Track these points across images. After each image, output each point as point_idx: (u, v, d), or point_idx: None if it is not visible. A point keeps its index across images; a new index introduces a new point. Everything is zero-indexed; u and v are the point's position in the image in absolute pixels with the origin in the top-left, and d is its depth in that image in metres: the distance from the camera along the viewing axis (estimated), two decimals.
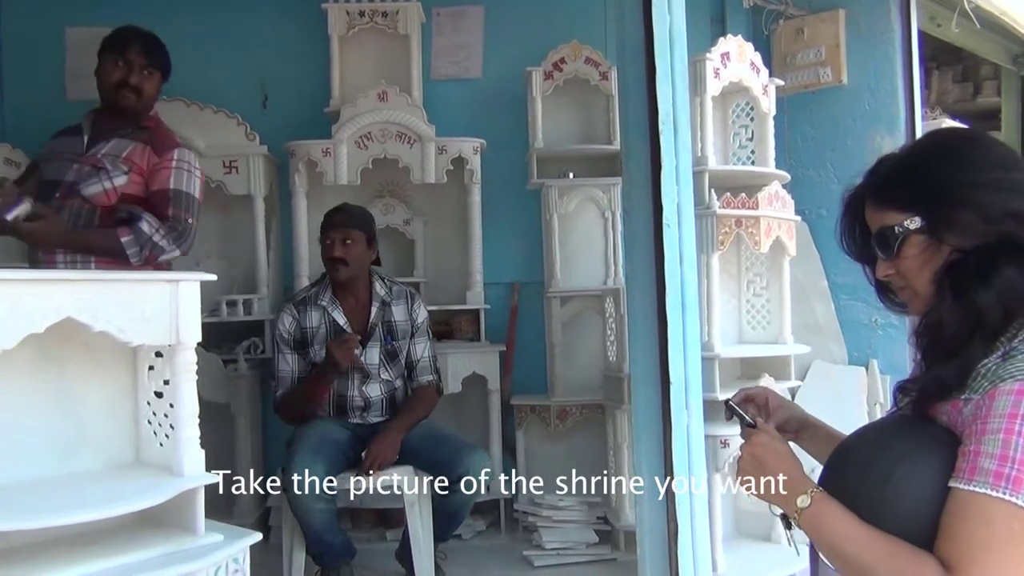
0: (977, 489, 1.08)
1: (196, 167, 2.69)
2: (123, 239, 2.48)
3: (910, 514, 1.14)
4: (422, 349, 3.24)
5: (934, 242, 1.26)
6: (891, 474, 1.17)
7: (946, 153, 1.27)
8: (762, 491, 1.33)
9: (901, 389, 1.29)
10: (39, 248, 2.48)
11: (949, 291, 1.22)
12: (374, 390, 3.15)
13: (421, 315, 3.25)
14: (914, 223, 1.27)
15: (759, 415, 1.56)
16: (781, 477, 1.30)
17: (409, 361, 3.24)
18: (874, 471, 1.19)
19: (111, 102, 2.65)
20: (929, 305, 1.26)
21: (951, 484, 1.11)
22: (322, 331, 3.13)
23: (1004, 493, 1.06)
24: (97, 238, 2.51)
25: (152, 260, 2.55)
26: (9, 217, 2.27)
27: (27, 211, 2.28)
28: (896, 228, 1.28)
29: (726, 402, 1.53)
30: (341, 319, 3.13)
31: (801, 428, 1.58)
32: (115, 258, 2.48)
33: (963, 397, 1.16)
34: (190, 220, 2.61)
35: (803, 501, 1.24)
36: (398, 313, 3.21)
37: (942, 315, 1.22)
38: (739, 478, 1.37)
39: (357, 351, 3.06)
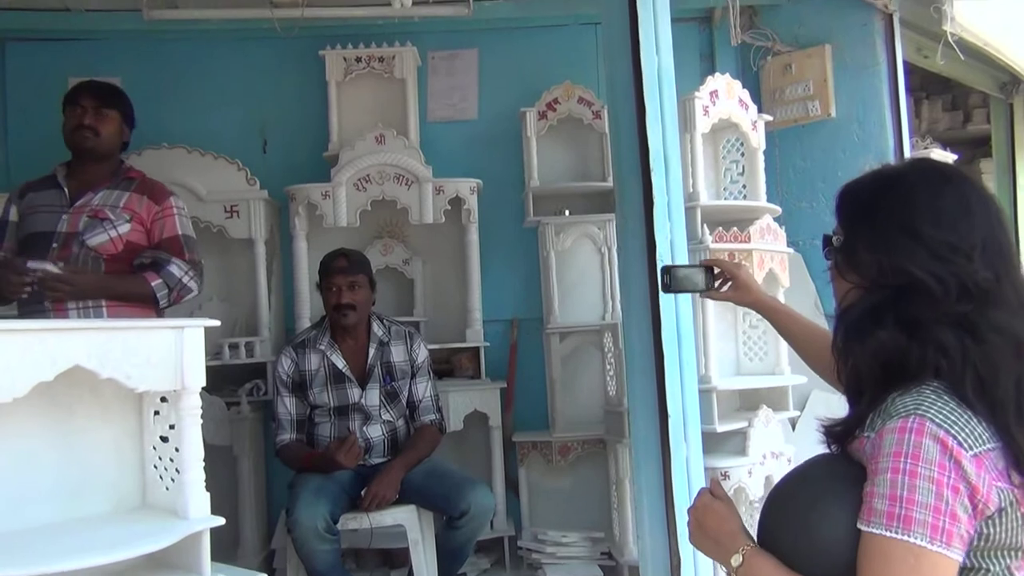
0: (874, 530, 1.11)
1: (187, 210, 2.88)
2: (153, 283, 2.65)
3: (829, 558, 1.17)
4: (423, 389, 3.26)
5: (841, 267, 1.31)
6: (808, 519, 1.19)
7: (885, 189, 1.28)
8: (706, 551, 1.37)
9: (824, 430, 1.30)
10: (62, 299, 2.54)
11: (840, 338, 1.27)
12: (375, 431, 3.17)
13: (421, 355, 3.27)
14: (837, 240, 1.33)
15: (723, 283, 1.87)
16: (720, 537, 1.33)
17: (411, 401, 3.25)
18: (794, 518, 1.22)
19: (74, 147, 2.74)
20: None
21: (858, 525, 1.14)
22: (321, 374, 3.15)
23: (897, 533, 1.09)
24: (129, 284, 2.66)
25: (177, 301, 2.73)
26: (34, 267, 2.39)
27: (50, 269, 2.41)
28: (833, 237, 1.34)
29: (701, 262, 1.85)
30: (340, 362, 3.15)
31: (766, 309, 1.85)
32: (145, 303, 2.66)
33: (865, 434, 1.19)
34: (201, 260, 2.80)
35: (736, 560, 1.27)
36: (397, 353, 3.22)
37: (837, 361, 1.28)
38: (689, 540, 1.41)
39: (360, 445, 3.08)
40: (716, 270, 1.88)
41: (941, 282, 1.17)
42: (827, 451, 1.30)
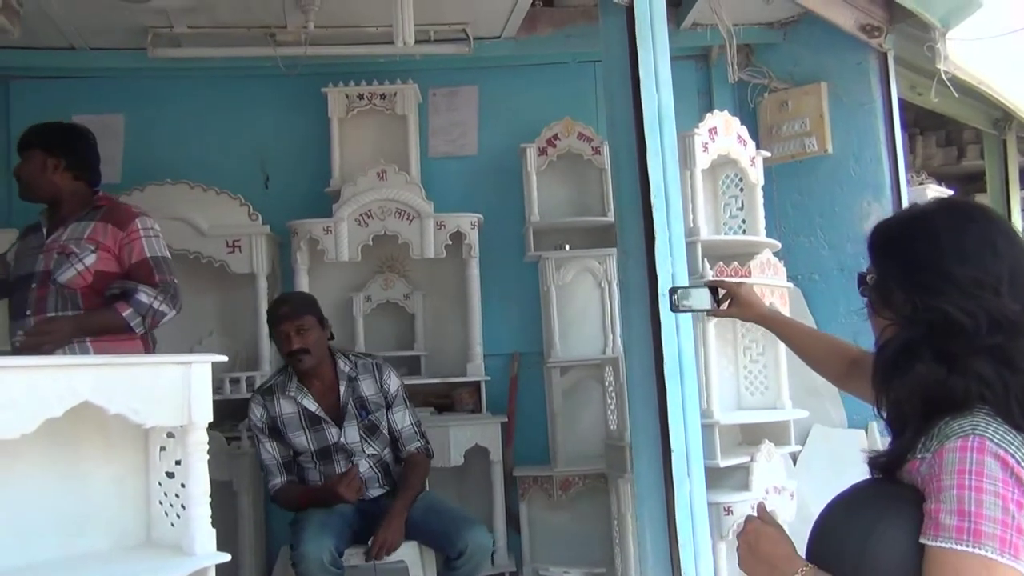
0: (944, 544, 1.15)
1: (158, 229, 2.82)
2: (124, 313, 2.62)
3: (890, 574, 1.20)
4: (402, 418, 3.19)
5: (876, 304, 1.38)
6: (866, 539, 1.22)
7: (913, 229, 1.34)
8: (759, 575, 1.38)
9: (871, 463, 1.36)
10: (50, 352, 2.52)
11: (879, 373, 1.32)
12: (363, 466, 3.13)
13: (393, 385, 3.20)
14: (872, 279, 1.39)
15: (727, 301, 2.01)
16: (775, 557, 1.35)
17: (392, 432, 3.19)
18: (850, 538, 1.25)
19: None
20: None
21: (921, 540, 1.18)
22: (295, 419, 3.10)
23: (968, 546, 1.13)
24: (102, 319, 2.63)
25: (154, 326, 2.70)
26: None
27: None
28: (867, 276, 1.40)
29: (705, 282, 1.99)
30: (312, 405, 3.09)
31: (769, 322, 1.97)
32: (121, 332, 2.62)
33: (919, 456, 1.24)
34: (175, 280, 2.75)
35: None
36: (367, 387, 3.16)
37: (878, 393, 1.33)
38: (739, 565, 1.43)
39: (360, 477, 3.07)
40: (721, 290, 2.03)
41: (972, 316, 1.23)
42: (869, 477, 1.35)
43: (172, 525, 1.82)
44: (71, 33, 3.84)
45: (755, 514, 1.45)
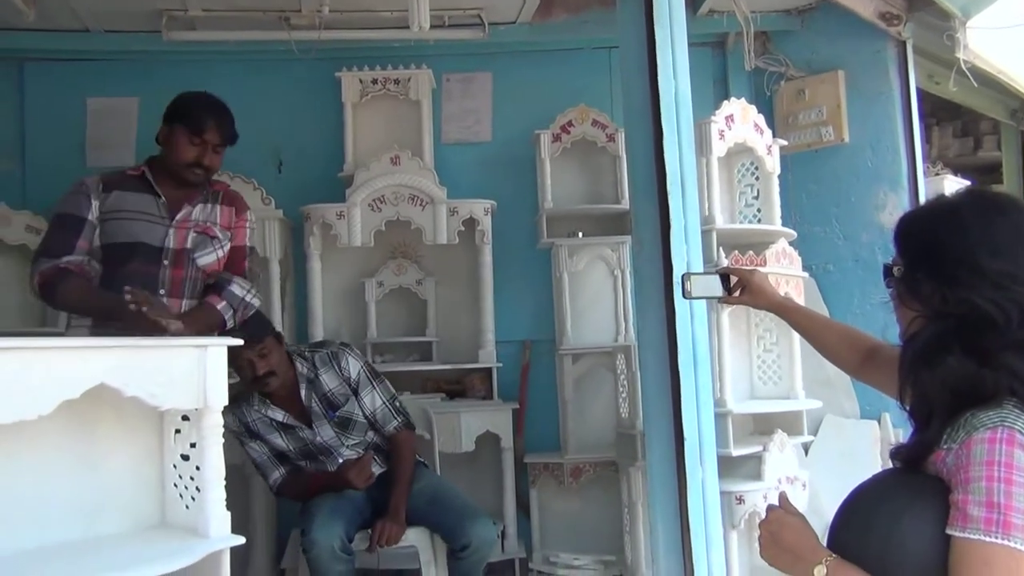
0: (972, 536, 1.15)
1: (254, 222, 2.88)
2: (219, 307, 2.53)
3: (917, 564, 1.20)
4: (371, 400, 3.08)
5: (904, 296, 1.37)
6: (892, 529, 1.23)
7: (942, 222, 1.33)
8: (782, 564, 1.39)
9: (893, 454, 1.37)
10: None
11: (907, 365, 1.32)
12: (352, 456, 3.08)
13: (353, 369, 3.07)
14: (899, 271, 1.38)
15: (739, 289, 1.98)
16: (797, 548, 1.36)
17: (367, 416, 3.09)
18: (875, 529, 1.25)
19: (179, 175, 2.56)
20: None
21: (948, 531, 1.18)
22: (267, 425, 3.03)
23: (997, 537, 1.13)
24: (204, 318, 2.47)
25: (243, 320, 2.62)
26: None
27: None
28: (893, 268, 1.39)
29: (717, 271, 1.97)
30: (279, 415, 3.02)
31: (781, 310, 1.94)
32: (221, 329, 2.52)
33: (945, 447, 1.24)
34: (258, 272, 2.80)
35: (820, 571, 1.29)
36: (329, 380, 3.04)
37: (903, 384, 1.33)
38: (761, 554, 1.44)
39: (373, 468, 3.04)
40: (733, 278, 2.00)
41: (1003, 310, 1.22)
42: (891, 467, 1.36)
43: (187, 508, 1.82)
44: (86, 15, 3.84)
45: (776, 503, 1.45)
